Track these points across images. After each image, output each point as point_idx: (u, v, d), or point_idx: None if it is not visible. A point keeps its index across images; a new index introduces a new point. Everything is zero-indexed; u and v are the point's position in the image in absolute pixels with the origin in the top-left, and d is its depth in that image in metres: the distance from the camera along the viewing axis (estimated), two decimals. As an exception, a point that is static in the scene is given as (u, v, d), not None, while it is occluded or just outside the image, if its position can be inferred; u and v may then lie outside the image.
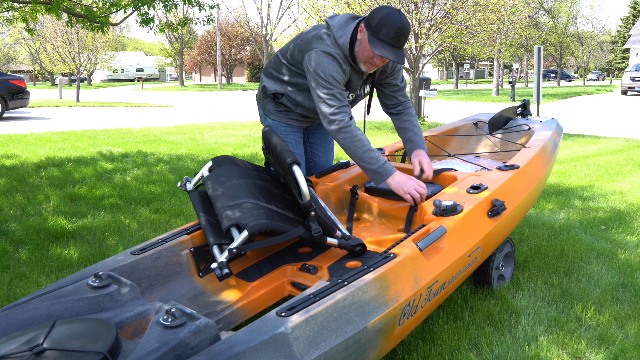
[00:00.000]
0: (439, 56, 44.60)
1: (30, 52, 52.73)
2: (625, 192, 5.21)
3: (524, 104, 3.96)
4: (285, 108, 2.78)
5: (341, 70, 2.46)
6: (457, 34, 11.44)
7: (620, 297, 2.83)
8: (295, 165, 2.09)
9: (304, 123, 2.89)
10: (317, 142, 3.06)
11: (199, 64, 51.66)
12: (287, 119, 2.83)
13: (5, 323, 1.66)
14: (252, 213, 2.11)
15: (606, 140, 9.53)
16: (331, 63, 2.44)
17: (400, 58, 2.37)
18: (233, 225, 2.08)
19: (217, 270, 1.95)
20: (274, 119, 2.84)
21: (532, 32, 30.41)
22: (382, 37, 2.33)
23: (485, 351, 2.28)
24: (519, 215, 2.73)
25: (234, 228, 2.08)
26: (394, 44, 2.34)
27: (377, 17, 2.34)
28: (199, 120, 13.77)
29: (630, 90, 26.15)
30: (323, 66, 2.43)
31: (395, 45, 2.35)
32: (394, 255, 1.90)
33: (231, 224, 2.07)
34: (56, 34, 22.67)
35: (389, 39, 2.33)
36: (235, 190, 2.29)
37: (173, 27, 7.29)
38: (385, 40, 2.33)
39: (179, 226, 3.95)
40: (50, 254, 3.38)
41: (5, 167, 6.26)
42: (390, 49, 2.34)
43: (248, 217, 2.08)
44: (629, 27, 52.47)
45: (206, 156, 7.21)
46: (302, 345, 1.50)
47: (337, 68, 2.45)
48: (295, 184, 2.13)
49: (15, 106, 13.41)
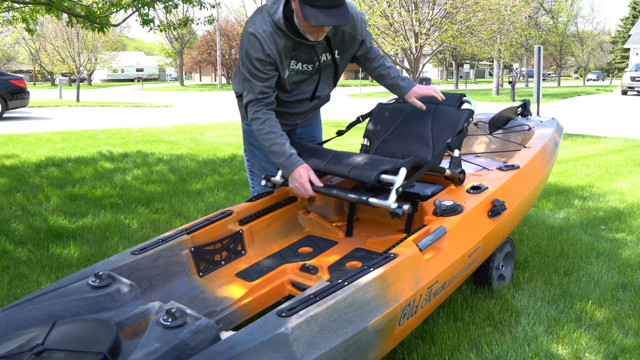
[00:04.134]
0: (439, 56, 44.61)
1: (30, 52, 52.73)
2: (625, 192, 5.21)
3: (524, 104, 3.95)
4: None
5: (264, 50, 2.28)
6: (457, 33, 11.44)
7: (620, 297, 2.83)
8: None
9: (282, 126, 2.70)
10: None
11: (199, 63, 51.65)
12: None
13: (5, 323, 1.66)
14: (388, 160, 2.26)
15: (606, 140, 9.52)
16: (253, 44, 2.28)
17: (341, 18, 2.10)
18: (382, 172, 2.17)
19: (399, 210, 2.06)
20: (247, 123, 2.71)
21: (532, 32, 30.42)
22: (313, 2, 2.09)
23: (485, 351, 2.28)
24: (519, 215, 2.73)
25: (384, 175, 2.17)
26: (329, 4, 2.09)
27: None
28: (199, 120, 13.77)
29: (630, 90, 26.15)
30: (245, 48, 2.31)
31: (331, 4, 2.09)
32: (394, 255, 1.90)
33: (381, 170, 2.17)
34: (56, 34, 22.69)
35: (320, 1, 2.09)
36: (347, 155, 2.38)
37: (174, 27, 7.29)
38: (317, 4, 2.09)
39: (179, 226, 3.95)
40: (50, 254, 3.37)
41: (6, 167, 6.26)
42: (326, 13, 2.09)
43: (390, 163, 2.22)
44: (628, 27, 52.46)
45: (206, 156, 7.21)
46: (302, 345, 1.50)
47: (259, 48, 2.27)
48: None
49: (15, 106, 13.41)
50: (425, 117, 2.71)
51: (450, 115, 2.63)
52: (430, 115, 2.69)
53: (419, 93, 2.62)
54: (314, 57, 2.43)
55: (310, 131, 2.89)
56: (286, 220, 2.68)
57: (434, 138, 2.62)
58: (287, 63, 2.40)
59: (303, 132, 2.86)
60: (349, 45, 2.47)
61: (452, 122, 2.60)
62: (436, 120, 2.66)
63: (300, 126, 2.82)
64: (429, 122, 2.68)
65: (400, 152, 2.71)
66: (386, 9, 11.75)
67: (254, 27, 2.29)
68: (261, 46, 2.29)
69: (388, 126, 2.81)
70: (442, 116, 2.65)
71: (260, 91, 2.38)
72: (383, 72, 2.65)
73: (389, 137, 2.78)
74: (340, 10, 2.11)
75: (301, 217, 2.73)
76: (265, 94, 2.39)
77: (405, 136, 2.72)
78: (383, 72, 2.65)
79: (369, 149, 2.83)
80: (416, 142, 2.66)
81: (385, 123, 2.83)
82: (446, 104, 2.70)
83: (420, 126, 2.69)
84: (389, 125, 2.80)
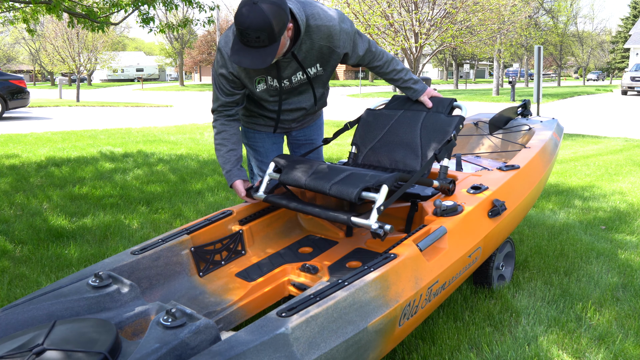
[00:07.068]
0: (439, 56, 44.62)
1: (30, 52, 52.75)
2: (625, 192, 5.21)
3: (524, 104, 3.95)
4: (245, 112, 2.71)
5: (228, 67, 2.32)
6: (457, 33, 11.44)
7: (620, 297, 2.83)
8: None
9: (270, 128, 2.74)
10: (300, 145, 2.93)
11: (199, 63, 51.66)
12: (253, 125, 2.74)
13: (5, 323, 1.66)
14: (370, 175, 2.17)
15: (606, 140, 9.52)
16: (218, 60, 2.35)
17: (259, 61, 2.05)
18: (363, 189, 2.09)
19: (380, 230, 1.99)
20: (243, 124, 2.77)
21: (532, 32, 30.42)
22: (239, 37, 2.06)
23: (485, 351, 2.28)
24: (520, 215, 2.73)
25: (365, 192, 2.09)
26: (250, 44, 2.05)
27: None
28: (199, 120, 13.77)
29: (630, 90, 26.14)
30: (215, 61, 2.40)
31: (252, 45, 2.04)
32: (394, 255, 1.90)
33: (362, 188, 2.09)
34: (56, 34, 22.69)
35: (239, 40, 2.07)
36: (330, 170, 2.29)
37: (173, 27, 7.29)
38: (241, 40, 2.06)
39: (179, 226, 3.95)
40: (50, 254, 3.37)
41: (6, 167, 6.26)
42: (246, 53, 2.06)
43: (372, 179, 2.13)
44: (629, 27, 52.46)
45: (206, 156, 7.21)
46: (302, 345, 1.50)
47: (223, 64, 2.33)
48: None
49: (15, 106, 13.41)
50: (414, 124, 2.65)
51: (440, 123, 2.59)
52: (420, 123, 2.64)
53: (432, 95, 2.72)
54: (282, 74, 2.40)
55: (308, 134, 2.88)
56: (286, 220, 2.68)
57: (423, 146, 2.57)
58: (257, 79, 2.40)
59: (300, 134, 2.86)
60: (329, 57, 2.42)
61: (441, 130, 2.55)
62: (425, 127, 2.61)
63: (297, 129, 2.82)
64: (417, 130, 2.62)
65: (387, 161, 2.65)
66: (386, 9, 11.75)
67: (223, 42, 2.32)
68: (225, 64, 2.34)
69: (376, 134, 2.74)
70: (431, 123, 2.61)
71: (222, 104, 2.47)
72: (395, 76, 2.66)
73: (377, 145, 2.71)
74: (262, 52, 2.05)
75: (301, 217, 2.73)
76: (227, 107, 2.48)
77: (393, 144, 2.66)
78: (395, 77, 2.66)
79: (357, 157, 2.77)
80: (404, 150, 2.61)
81: (373, 130, 2.76)
82: (435, 111, 2.66)
83: (408, 134, 2.63)
84: (377, 132, 2.74)
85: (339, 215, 2.12)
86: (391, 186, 2.10)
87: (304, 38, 2.28)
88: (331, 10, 2.35)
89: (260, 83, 2.42)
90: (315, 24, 2.27)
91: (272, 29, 2.00)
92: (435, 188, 2.44)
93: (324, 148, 7.42)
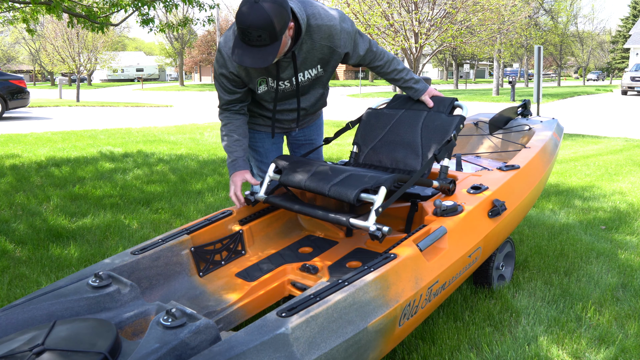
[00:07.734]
0: (439, 56, 44.62)
1: (30, 52, 52.73)
2: (625, 192, 5.21)
3: (524, 104, 3.95)
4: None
5: (228, 67, 2.33)
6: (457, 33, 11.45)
7: (620, 297, 2.83)
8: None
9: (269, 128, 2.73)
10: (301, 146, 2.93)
11: (199, 63, 51.68)
12: (252, 125, 2.73)
13: (5, 323, 1.66)
14: (369, 176, 2.17)
15: (606, 140, 9.52)
16: (218, 60, 2.36)
17: (260, 60, 2.06)
18: (362, 191, 2.08)
19: (378, 232, 1.97)
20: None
21: (532, 32, 30.42)
22: (239, 36, 2.07)
23: (485, 351, 2.28)
24: (520, 215, 2.73)
25: (364, 193, 2.09)
26: (251, 43, 2.05)
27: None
28: (199, 120, 13.77)
29: (630, 90, 26.14)
30: (215, 61, 2.40)
31: (253, 44, 2.05)
32: (394, 255, 1.90)
33: (361, 189, 2.08)
34: (56, 34, 22.70)
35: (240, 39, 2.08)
36: (329, 171, 2.29)
37: (173, 27, 7.29)
38: (242, 39, 2.06)
39: (179, 226, 3.95)
40: (50, 254, 3.37)
41: (6, 166, 6.26)
42: (248, 52, 2.06)
43: (371, 180, 2.13)
44: (629, 27, 52.47)
45: (206, 156, 7.21)
46: (302, 345, 1.50)
47: (223, 64, 2.34)
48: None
49: (15, 106, 13.41)
50: (415, 124, 2.66)
51: (440, 122, 2.59)
52: (420, 122, 2.65)
53: (433, 94, 2.72)
54: (281, 75, 2.40)
55: (308, 134, 2.88)
56: (286, 220, 2.68)
57: (423, 146, 2.58)
58: (259, 80, 2.40)
59: (300, 135, 2.86)
60: (329, 57, 2.42)
61: (442, 130, 2.56)
62: (426, 127, 2.62)
63: (296, 130, 2.82)
64: (418, 129, 2.63)
65: (388, 160, 2.65)
66: (386, 9, 11.75)
67: (223, 42, 2.32)
68: (225, 63, 2.35)
69: (377, 133, 2.75)
70: (432, 123, 2.61)
71: (225, 102, 2.49)
72: (396, 76, 2.66)
73: (378, 145, 2.72)
74: (263, 51, 2.05)
75: (301, 217, 2.73)
76: (231, 103, 2.49)
77: (394, 144, 2.67)
78: (396, 77, 2.67)
79: (358, 156, 2.78)
80: (405, 150, 2.61)
81: (374, 130, 2.77)
82: (436, 110, 2.67)
83: (409, 133, 2.64)
84: (378, 132, 2.75)
85: (338, 217, 2.12)
86: (390, 187, 2.09)
87: (304, 38, 2.28)
88: (332, 10, 2.35)
89: (262, 84, 2.42)
90: (316, 24, 2.27)
91: (274, 27, 2.01)
92: (435, 188, 2.44)
93: (325, 148, 7.42)
